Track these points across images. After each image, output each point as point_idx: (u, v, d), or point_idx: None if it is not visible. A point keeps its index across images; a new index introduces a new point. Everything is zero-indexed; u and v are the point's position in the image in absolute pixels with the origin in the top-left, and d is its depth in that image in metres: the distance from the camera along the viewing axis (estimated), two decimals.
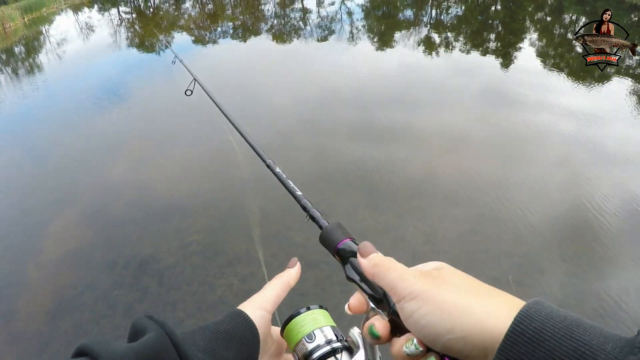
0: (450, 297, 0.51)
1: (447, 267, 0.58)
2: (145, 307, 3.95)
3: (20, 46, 20.56)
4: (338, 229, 0.75)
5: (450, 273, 0.56)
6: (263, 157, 1.27)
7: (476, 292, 0.52)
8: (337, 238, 0.73)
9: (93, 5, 30.23)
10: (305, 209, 0.91)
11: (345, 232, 0.74)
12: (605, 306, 3.51)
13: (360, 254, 0.63)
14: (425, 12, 17.15)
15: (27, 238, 5.33)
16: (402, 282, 0.55)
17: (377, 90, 8.50)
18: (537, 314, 0.45)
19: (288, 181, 1.01)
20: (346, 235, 0.73)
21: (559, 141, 6.07)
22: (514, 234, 4.34)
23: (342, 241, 0.72)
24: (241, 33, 15.87)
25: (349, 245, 0.71)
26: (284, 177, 1.04)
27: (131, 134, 7.87)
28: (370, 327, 0.59)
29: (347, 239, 0.72)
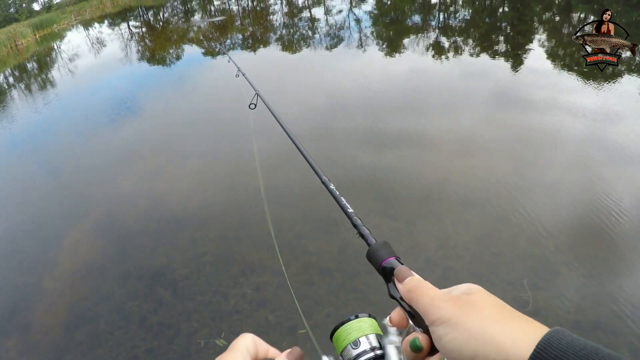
0: (477, 324, 0.53)
1: (478, 290, 0.60)
2: (159, 318, 3.96)
3: (32, 62, 20.83)
4: (384, 248, 0.78)
5: (480, 298, 0.58)
6: (319, 173, 1.28)
7: (502, 319, 0.54)
8: (382, 256, 0.76)
9: (103, 20, 30.57)
10: (356, 227, 0.95)
11: (390, 251, 0.77)
12: (622, 308, 3.47)
13: (397, 279, 0.69)
14: (433, 16, 17.18)
15: (41, 251, 5.38)
16: (432, 308, 0.58)
17: (387, 95, 8.51)
18: (558, 342, 0.47)
19: (341, 198, 1.06)
20: (391, 254, 0.76)
21: (572, 141, 6.02)
22: (528, 237, 4.30)
23: (386, 259, 0.75)
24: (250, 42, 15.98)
25: (394, 264, 0.74)
26: (337, 194, 1.08)
27: (142, 147, 7.92)
28: (414, 339, 0.62)
29: (392, 257, 0.75)
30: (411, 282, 0.66)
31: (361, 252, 0.81)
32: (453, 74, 9.67)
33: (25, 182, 7.40)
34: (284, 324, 3.67)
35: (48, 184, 7.20)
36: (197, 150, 7.28)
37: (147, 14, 29.50)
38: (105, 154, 7.82)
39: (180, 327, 3.84)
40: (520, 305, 3.54)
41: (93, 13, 34.81)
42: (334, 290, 3.92)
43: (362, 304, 3.69)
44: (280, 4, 25.39)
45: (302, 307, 3.80)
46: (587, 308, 3.51)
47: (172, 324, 3.89)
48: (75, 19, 32.71)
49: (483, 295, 0.58)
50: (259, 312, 3.82)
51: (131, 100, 11.05)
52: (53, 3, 40.22)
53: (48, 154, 8.62)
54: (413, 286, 0.64)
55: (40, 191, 6.94)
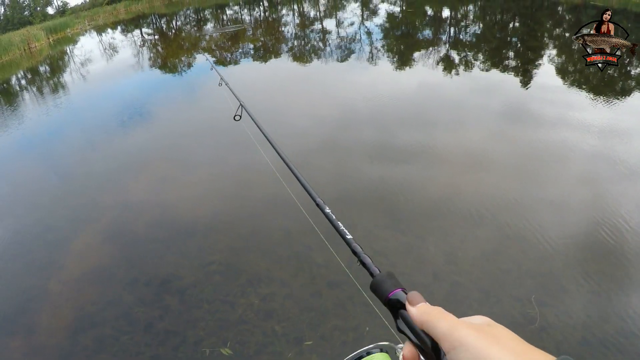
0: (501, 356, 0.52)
1: (496, 324, 0.59)
2: (166, 325, 3.96)
3: (45, 65, 21.00)
4: (389, 279, 0.75)
5: (500, 332, 0.57)
6: (313, 195, 1.22)
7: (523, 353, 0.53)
8: (388, 288, 0.73)
9: (116, 26, 30.84)
10: (357, 254, 0.92)
11: (396, 282, 0.74)
12: (629, 326, 3.45)
13: (410, 303, 0.66)
14: (443, 30, 17.25)
15: (50, 254, 5.39)
16: (455, 332, 0.56)
17: (397, 109, 8.54)
18: None
19: (338, 223, 1.00)
20: (397, 286, 0.73)
21: (580, 158, 6.04)
22: (536, 254, 4.30)
23: (393, 291, 0.72)
24: (262, 53, 16.07)
25: (401, 296, 0.71)
26: (334, 217, 1.02)
27: (153, 154, 7.97)
28: None
29: (399, 289, 0.72)
30: (426, 306, 0.64)
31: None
32: (463, 89, 9.71)
33: (35, 185, 7.45)
34: (290, 335, 3.66)
35: (58, 188, 7.23)
36: (206, 159, 7.31)
37: (160, 21, 29.74)
38: (115, 160, 7.87)
39: (186, 334, 3.84)
40: (527, 321, 3.54)
41: (106, 19, 35.15)
42: (341, 302, 3.91)
43: (369, 317, 3.67)
44: (292, 15, 25.58)
45: (307, 319, 3.80)
46: (595, 325, 3.50)
47: (178, 331, 3.88)
48: (88, 24, 33.01)
49: (503, 330, 0.57)
50: (265, 323, 3.81)
51: (142, 106, 11.13)
52: (67, 8, 40.60)
53: (59, 158, 8.68)
54: (429, 309, 0.63)
55: (50, 195, 6.98)
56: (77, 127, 10.45)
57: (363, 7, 25.42)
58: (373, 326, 3.58)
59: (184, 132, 8.81)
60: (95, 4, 40.05)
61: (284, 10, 28.42)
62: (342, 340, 3.53)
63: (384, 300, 0.73)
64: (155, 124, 9.72)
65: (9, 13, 38.12)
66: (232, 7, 31.23)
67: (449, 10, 22.11)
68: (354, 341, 3.49)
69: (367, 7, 25.13)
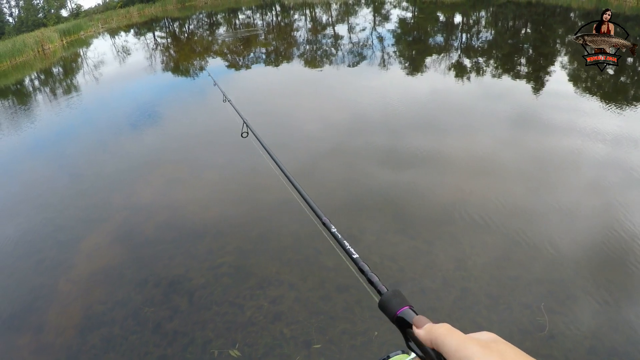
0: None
1: (502, 341, 0.60)
2: (174, 326, 3.96)
3: (58, 67, 21.17)
4: (397, 297, 0.77)
5: (506, 349, 0.57)
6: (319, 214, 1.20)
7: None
8: (396, 306, 0.75)
9: (129, 29, 31.06)
10: (364, 272, 0.93)
11: (403, 300, 0.76)
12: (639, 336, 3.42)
13: (416, 326, 0.68)
14: (455, 36, 17.23)
15: (60, 253, 5.42)
16: (464, 350, 0.57)
17: (407, 115, 8.53)
18: None
19: (344, 242, 1.00)
20: (404, 304, 0.75)
21: (592, 165, 5.99)
22: (545, 261, 4.26)
23: (401, 309, 0.74)
24: (274, 58, 16.11)
25: (408, 314, 0.73)
26: (340, 237, 1.01)
27: (164, 156, 8.01)
28: None
29: (406, 307, 0.74)
30: (432, 327, 0.65)
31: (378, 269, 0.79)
32: (474, 95, 9.69)
33: (46, 185, 7.50)
34: (299, 338, 3.64)
35: (69, 188, 7.27)
36: (216, 161, 7.32)
37: (172, 25, 29.94)
38: (126, 161, 7.92)
39: (194, 335, 3.83)
40: (536, 329, 3.51)
41: (120, 22, 35.43)
42: (350, 306, 3.89)
43: (378, 322, 3.65)
44: (304, 20, 25.66)
45: (316, 322, 3.79)
46: (604, 334, 3.46)
47: (187, 332, 3.88)
48: (102, 27, 33.28)
49: (508, 346, 0.58)
50: (274, 325, 3.80)
51: (153, 109, 11.20)
52: (81, 10, 40.97)
53: (70, 158, 8.74)
54: (434, 328, 0.64)
55: (61, 195, 7.02)
56: (89, 128, 10.53)
57: (375, 12, 25.45)
58: (382, 331, 3.56)
59: (194, 135, 8.85)
60: (108, 7, 40.42)
61: (296, 15, 28.50)
62: (351, 345, 3.51)
63: (392, 319, 0.75)
64: (166, 126, 9.77)
65: (23, 15, 38.52)
66: (245, 11, 31.40)
67: (460, 16, 22.09)
68: (363, 345, 3.47)
69: (379, 12, 25.16)
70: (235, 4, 35.70)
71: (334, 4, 30.51)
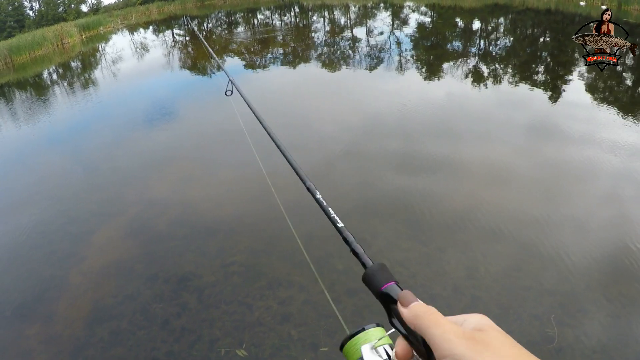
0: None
1: (490, 328, 0.57)
2: (183, 322, 3.96)
3: (76, 61, 21.37)
4: (383, 271, 0.72)
5: (494, 337, 0.55)
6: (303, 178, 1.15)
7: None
8: (381, 281, 0.70)
9: (148, 26, 31.29)
10: (348, 243, 0.87)
11: (389, 275, 0.71)
12: None
13: (401, 303, 0.63)
14: (473, 43, 17.15)
15: (72, 245, 5.46)
16: (444, 342, 0.54)
17: (423, 120, 8.49)
18: None
19: (329, 209, 0.95)
20: (390, 279, 0.70)
21: (607, 177, 5.92)
22: (557, 272, 4.21)
23: (386, 284, 0.69)
24: (291, 59, 16.12)
25: (393, 289, 0.68)
26: (325, 204, 0.97)
27: (179, 153, 8.04)
28: None
29: (392, 282, 0.70)
30: (418, 307, 0.61)
31: None
32: (490, 102, 9.63)
33: (62, 178, 7.56)
34: (307, 341, 3.63)
35: (84, 181, 7.32)
36: (232, 160, 7.32)
37: (191, 23, 30.13)
38: (141, 157, 7.96)
39: (202, 333, 3.83)
40: (546, 341, 3.47)
41: (139, 18, 35.72)
42: (359, 310, 3.87)
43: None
44: (322, 22, 25.69)
45: (325, 325, 3.77)
46: (613, 348, 3.41)
47: (195, 329, 3.88)
48: (121, 23, 33.55)
49: (496, 335, 0.55)
50: (282, 326, 3.79)
51: (169, 106, 11.25)
52: (101, 6, 41.36)
53: (86, 152, 8.80)
54: (420, 312, 0.60)
55: (76, 187, 7.08)
56: (105, 122, 10.60)
57: (393, 16, 25.42)
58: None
59: (209, 133, 8.87)
60: (128, 3, 40.74)
61: (315, 17, 28.55)
62: None
63: (376, 294, 0.70)
64: (181, 123, 9.81)
65: (44, 9, 38.95)
66: (264, 11, 31.52)
67: (479, 22, 21.98)
68: None
69: (398, 16, 25.12)
70: (253, 4, 35.85)
71: (353, 7, 30.52)
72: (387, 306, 0.68)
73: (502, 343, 0.54)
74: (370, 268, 0.74)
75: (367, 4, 30.80)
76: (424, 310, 0.60)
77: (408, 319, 0.61)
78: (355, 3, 31.72)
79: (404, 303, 0.63)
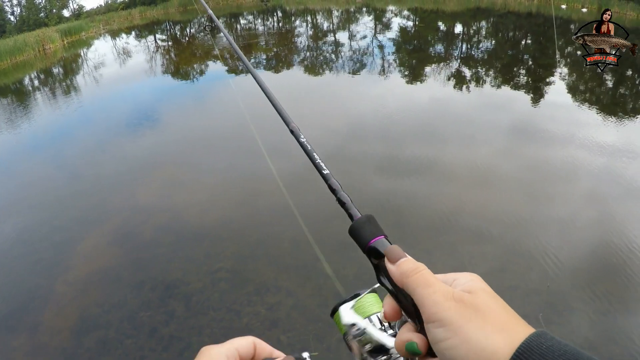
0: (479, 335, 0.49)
1: (481, 290, 0.54)
2: (171, 330, 3.94)
3: (58, 67, 21.17)
4: (371, 224, 0.66)
5: (483, 301, 0.52)
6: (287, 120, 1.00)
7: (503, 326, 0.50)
8: (370, 234, 0.64)
9: (130, 32, 31.08)
10: (334, 191, 0.81)
11: (378, 228, 0.65)
12: (637, 347, 3.42)
13: (389, 259, 0.59)
14: (455, 46, 17.29)
15: (57, 254, 5.40)
16: (433, 306, 0.52)
17: (406, 122, 8.54)
18: (538, 347, 0.46)
19: (314, 154, 0.87)
20: (379, 232, 0.64)
21: (590, 177, 6.03)
22: (543, 271, 4.28)
23: (375, 239, 0.64)
24: (274, 64, 16.09)
25: (382, 244, 0.63)
26: (309, 148, 0.88)
27: (164, 159, 7.98)
28: (412, 343, 0.55)
29: (381, 236, 0.64)
30: (406, 264, 0.57)
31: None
32: (473, 105, 9.73)
33: (44, 185, 7.46)
34: (296, 346, 3.63)
35: (67, 188, 7.23)
36: (217, 165, 7.30)
37: (174, 28, 29.97)
38: (125, 163, 7.89)
39: (191, 340, 3.82)
40: None
41: (121, 24, 35.43)
42: None
43: None
44: (305, 27, 25.72)
45: (314, 330, 3.77)
46: (602, 345, 3.48)
47: (183, 337, 3.86)
48: (103, 28, 33.29)
49: (486, 298, 0.53)
50: (271, 332, 3.79)
51: (153, 111, 11.18)
52: (83, 11, 40.97)
53: (69, 158, 8.69)
54: (409, 270, 0.56)
55: (59, 195, 6.98)
56: (88, 128, 10.48)
57: (376, 20, 25.55)
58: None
59: (193, 138, 8.83)
60: (110, 8, 40.40)
61: (297, 21, 28.58)
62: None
63: (363, 249, 0.65)
64: (165, 129, 9.75)
65: (25, 14, 38.50)
66: (246, 16, 31.45)
67: (461, 26, 22.17)
68: None
69: (380, 20, 25.24)
70: (236, 8, 35.75)
71: (335, 11, 30.60)
72: (375, 262, 0.63)
73: (491, 308, 0.52)
74: (357, 220, 0.68)
75: (349, 9, 30.90)
76: (412, 268, 0.56)
77: (395, 277, 0.57)
78: (337, 7, 31.80)
79: (391, 259, 0.59)
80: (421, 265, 0.57)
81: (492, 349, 0.47)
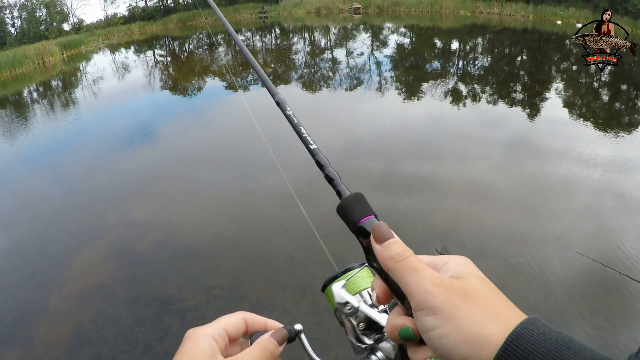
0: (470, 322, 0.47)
1: (472, 276, 0.53)
2: (166, 347, 3.92)
3: (57, 80, 21.23)
4: (361, 202, 0.62)
5: (473, 288, 0.51)
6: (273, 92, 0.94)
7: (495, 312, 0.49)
8: (360, 213, 0.61)
9: (130, 46, 31.22)
10: (322, 167, 0.76)
11: (368, 207, 0.62)
12: None
13: (375, 239, 0.56)
14: (452, 63, 17.41)
15: (51, 268, 5.38)
16: (421, 293, 0.50)
17: (402, 139, 8.57)
18: (530, 334, 0.45)
19: (300, 128, 0.83)
20: (369, 212, 0.61)
21: (586, 191, 6.07)
22: (540, 287, 4.28)
23: (365, 218, 0.60)
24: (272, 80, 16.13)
25: (372, 224, 0.59)
26: (296, 121, 0.84)
27: (160, 173, 7.99)
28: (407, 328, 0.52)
29: (370, 216, 0.60)
30: (394, 247, 0.54)
31: None
32: (469, 121, 9.78)
33: (41, 199, 7.45)
34: None
35: (63, 202, 7.22)
36: (214, 183, 7.30)
37: (172, 43, 30.12)
38: (122, 178, 7.88)
39: None
40: None
41: (120, 38, 35.58)
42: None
43: None
44: (303, 43, 25.87)
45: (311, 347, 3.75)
46: None
47: None
48: (102, 43, 33.43)
49: (477, 284, 0.51)
50: None
51: (150, 126, 11.21)
52: (83, 25, 41.15)
53: (65, 172, 8.69)
54: (397, 254, 0.53)
55: (55, 209, 6.97)
56: (86, 142, 10.48)
57: (373, 37, 25.73)
58: None
59: (191, 152, 8.84)
60: (110, 23, 40.59)
61: (295, 38, 28.76)
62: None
63: (352, 228, 0.61)
64: (163, 144, 9.76)
65: (25, 27, 38.63)
66: (245, 32, 31.63)
67: (457, 43, 22.35)
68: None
69: (377, 37, 25.43)
70: (235, 25, 35.97)
71: (333, 28, 30.83)
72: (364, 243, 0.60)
73: (482, 294, 0.50)
74: (345, 198, 0.64)
75: (347, 26, 31.15)
76: (399, 252, 0.53)
77: (382, 260, 0.54)
78: (335, 25, 32.05)
79: (377, 238, 0.55)
80: (408, 250, 0.54)
81: (484, 336, 0.46)
